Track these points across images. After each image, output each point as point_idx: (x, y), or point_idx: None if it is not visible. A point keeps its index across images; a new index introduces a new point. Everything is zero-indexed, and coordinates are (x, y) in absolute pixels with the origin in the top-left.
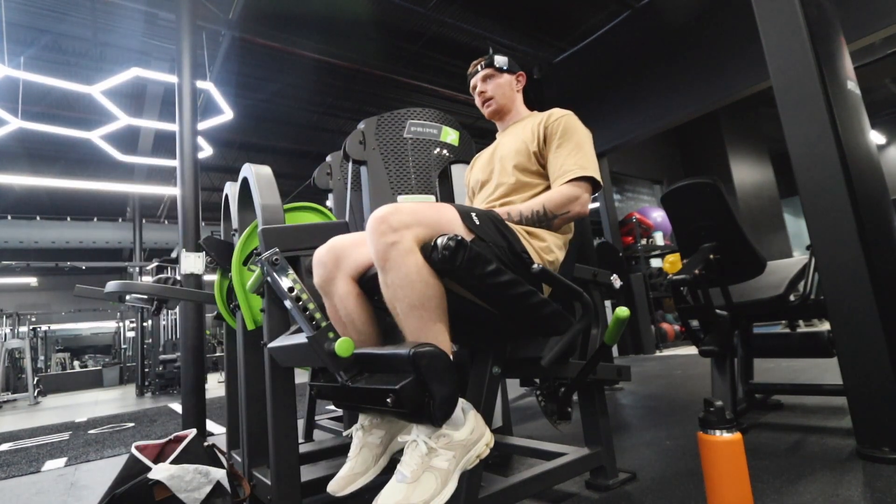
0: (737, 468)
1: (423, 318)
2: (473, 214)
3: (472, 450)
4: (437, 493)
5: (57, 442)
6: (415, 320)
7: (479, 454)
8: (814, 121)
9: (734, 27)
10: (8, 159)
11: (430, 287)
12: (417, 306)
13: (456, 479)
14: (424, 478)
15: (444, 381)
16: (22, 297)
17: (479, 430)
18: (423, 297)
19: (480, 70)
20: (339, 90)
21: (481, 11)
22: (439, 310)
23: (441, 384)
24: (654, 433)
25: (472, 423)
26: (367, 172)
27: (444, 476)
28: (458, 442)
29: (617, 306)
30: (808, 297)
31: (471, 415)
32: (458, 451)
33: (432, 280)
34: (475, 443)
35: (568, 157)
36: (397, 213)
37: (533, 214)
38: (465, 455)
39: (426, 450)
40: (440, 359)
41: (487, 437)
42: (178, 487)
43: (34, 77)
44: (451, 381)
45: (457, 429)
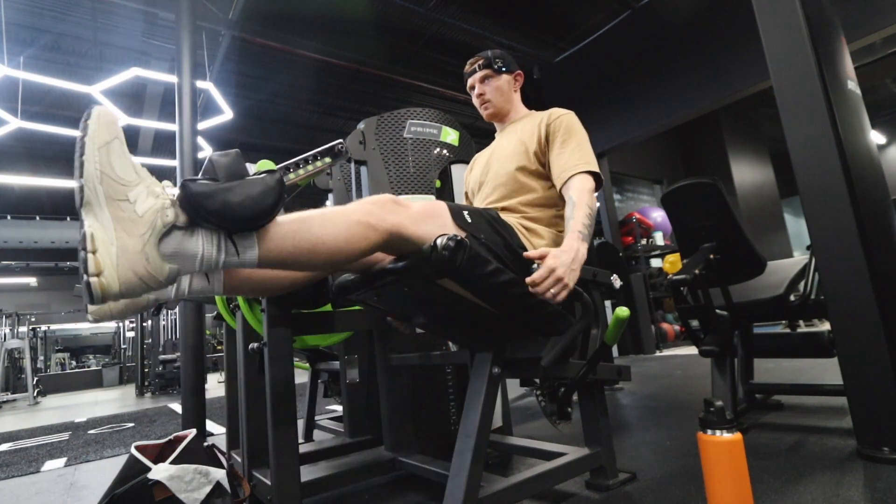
0: (737, 468)
1: (311, 216)
2: (465, 213)
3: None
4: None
5: (56, 442)
6: (309, 212)
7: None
8: (814, 121)
9: (734, 27)
10: (8, 159)
11: (345, 225)
12: (325, 214)
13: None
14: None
15: (249, 188)
16: (21, 297)
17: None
18: (331, 218)
19: (478, 70)
20: (339, 90)
21: (481, 11)
22: (321, 249)
23: (244, 187)
24: (654, 433)
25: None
26: (367, 172)
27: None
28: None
29: (617, 306)
30: (808, 297)
31: (165, 267)
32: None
33: (356, 229)
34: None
35: (573, 154)
36: (395, 201)
37: (589, 218)
38: (121, 232)
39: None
40: (278, 185)
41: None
42: (178, 488)
43: (34, 77)
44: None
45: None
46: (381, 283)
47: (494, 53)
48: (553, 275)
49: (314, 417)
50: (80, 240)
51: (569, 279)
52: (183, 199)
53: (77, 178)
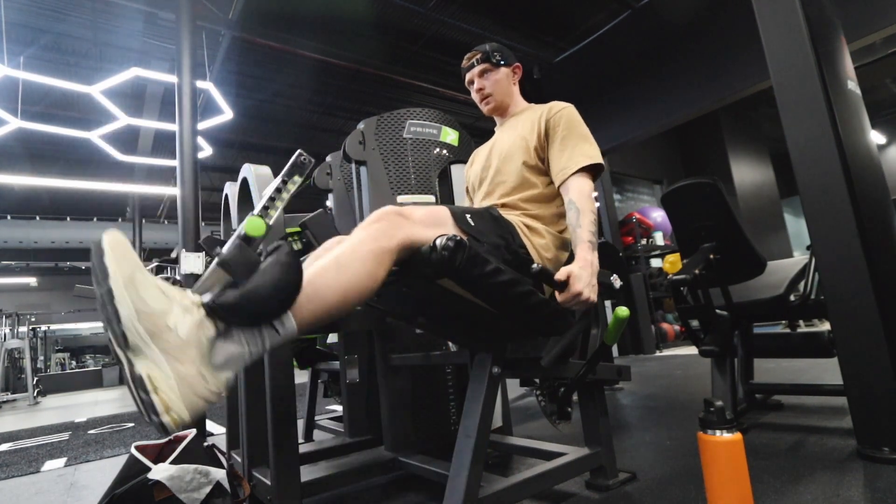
0: (737, 468)
1: (331, 270)
2: (468, 216)
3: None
4: (139, 300)
5: (56, 442)
6: (327, 263)
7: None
8: (814, 121)
9: (734, 27)
10: (8, 159)
11: (366, 269)
12: (341, 263)
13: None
14: (158, 293)
15: (270, 283)
16: (22, 297)
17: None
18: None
19: (476, 65)
20: (339, 90)
21: (481, 11)
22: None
23: (265, 281)
24: (654, 433)
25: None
26: (367, 172)
27: (159, 315)
28: (201, 349)
29: (617, 306)
30: (808, 297)
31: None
32: (187, 347)
33: (374, 268)
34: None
35: (575, 148)
36: (398, 213)
37: (594, 224)
38: (174, 364)
39: (186, 303)
40: (293, 269)
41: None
42: (178, 488)
43: (34, 77)
44: (276, 294)
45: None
46: None
47: (492, 47)
48: (579, 297)
49: (314, 417)
50: (136, 383)
51: (591, 294)
52: (213, 315)
53: (115, 325)
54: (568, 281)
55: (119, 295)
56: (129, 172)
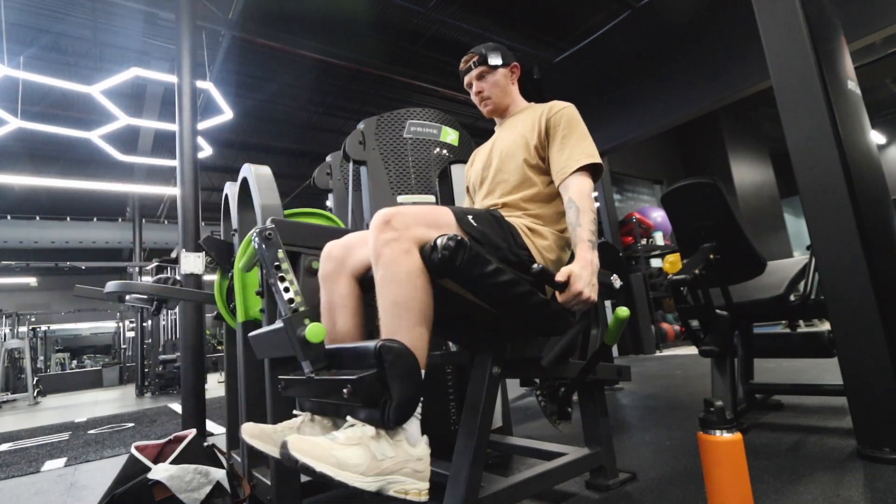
0: (737, 468)
1: (402, 317)
2: (470, 217)
3: (407, 478)
4: (356, 467)
5: (56, 442)
6: (394, 318)
7: (406, 490)
8: (814, 121)
9: (734, 27)
10: (8, 159)
11: (417, 289)
12: (400, 304)
13: (376, 481)
14: (354, 449)
15: (406, 381)
16: (22, 297)
17: (425, 469)
18: (407, 296)
19: (474, 67)
20: (339, 90)
21: (481, 11)
22: (422, 315)
23: (403, 384)
24: (654, 433)
25: (424, 451)
26: (367, 172)
27: (372, 461)
28: (406, 451)
29: (617, 306)
30: (808, 297)
31: (425, 447)
32: (399, 458)
33: (421, 282)
34: (415, 472)
35: (575, 147)
36: (399, 215)
37: (594, 223)
38: (398, 472)
39: (373, 434)
40: (407, 357)
41: (423, 486)
42: (178, 488)
43: (34, 77)
44: (415, 383)
45: (412, 444)
46: None
47: (488, 48)
48: (580, 297)
49: None
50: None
51: (592, 293)
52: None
53: (366, 495)
54: (568, 281)
55: (345, 478)
56: (129, 172)
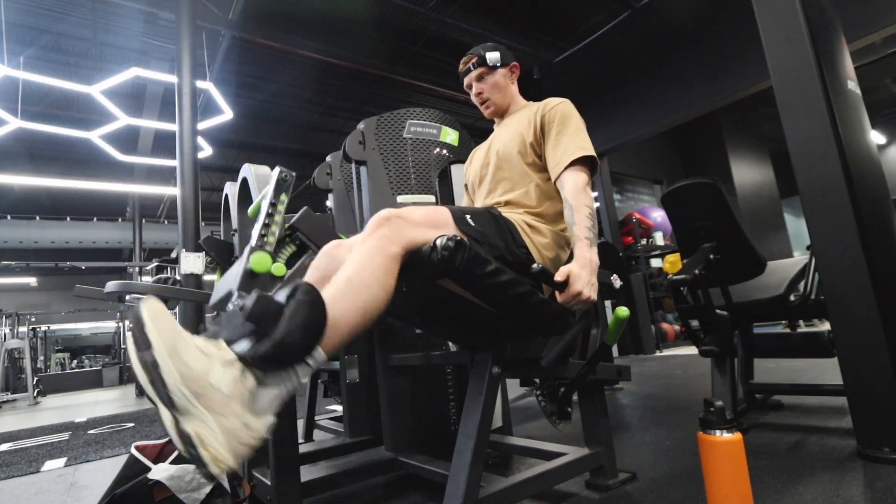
0: (737, 468)
1: (346, 292)
2: (468, 216)
3: (223, 431)
4: (180, 365)
5: (56, 442)
6: (339, 286)
7: (205, 439)
8: (814, 121)
9: (734, 27)
10: (8, 159)
11: (379, 284)
12: (353, 283)
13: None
14: (199, 354)
15: (300, 326)
16: (22, 297)
17: (247, 440)
18: (365, 282)
19: (473, 69)
20: (339, 90)
21: (481, 11)
22: (366, 304)
23: (294, 325)
24: (654, 433)
25: (260, 426)
26: (367, 172)
27: (201, 376)
28: (239, 407)
29: (617, 306)
30: (808, 297)
31: (264, 422)
32: (229, 403)
33: (385, 280)
34: (229, 432)
35: (570, 141)
36: (398, 217)
37: (590, 219)
38: (219, 412)
39: (232, 358)
40: (317, 308)
41: (226, 456)
42: (178, 488)
43: (34, 77)
44: (305, 334)
45: (254, 412)
46: None
47: (486, 48)
48: (579, 297)
49: (314, 417)
50: (183, 439)
51: (591, 293)
52: (250, 366)
53: (162, 391)
54: (567, 281)
55: (164, 364)
56: (129, 172)
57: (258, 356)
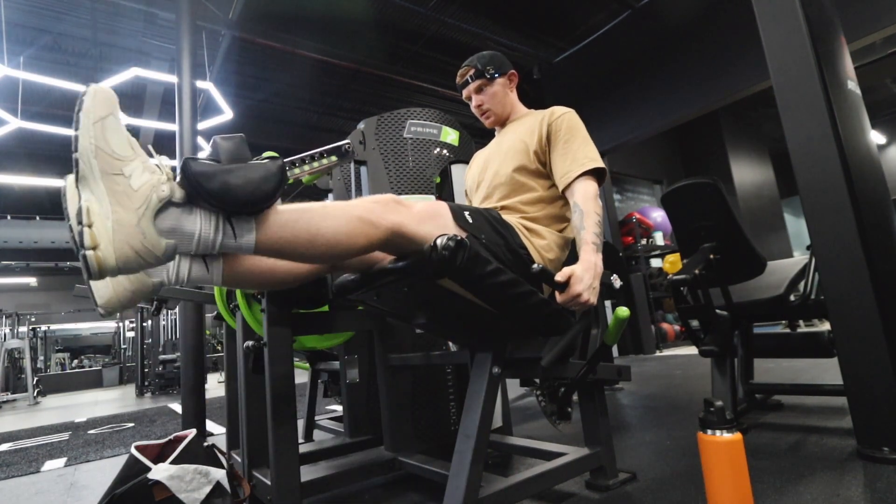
0: (737, 468)
1: (311, 208)
2: (466, 213)
3: (113, 223)
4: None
5: (56, 442)
6: (310, 204)
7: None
8: (814, 121)
9: (734, 27)
10: (8, 159)
11: (346, 219)
12: (326, 207)
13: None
14: (126, 140)
15: (250, 171)
16: (22, 297)
17: (133, 249)
18: (331, 212)
19: (471, 81)
20: (339, 90)
21: (481, 11)
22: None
23: (246, 170)
24: (654, 433)
25: (155, 242)
26: (367, 172)
27: (118, 157)
28: (147, 204)
29: (617, 306)
30: (808, 297)
31: (163, 243)
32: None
33: (356, 224)
34: (118, 231)
35: (578, 152)
36: (397, 201)
37: (598, 226)
38: (115, 206)
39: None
40: (280, 171)
41: (109, 259)
42: (178, 488)
43: (34, 77)
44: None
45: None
46: (381, 282)
47: (482, 60)
48: (579, 299)
49: (314, 417)
50: (76, 213)
51: (592, 297)
52: (183, 177)
53: (73, 151)
54: (569, 282)
55: (84, 127)
56: None
57: (190, 171)
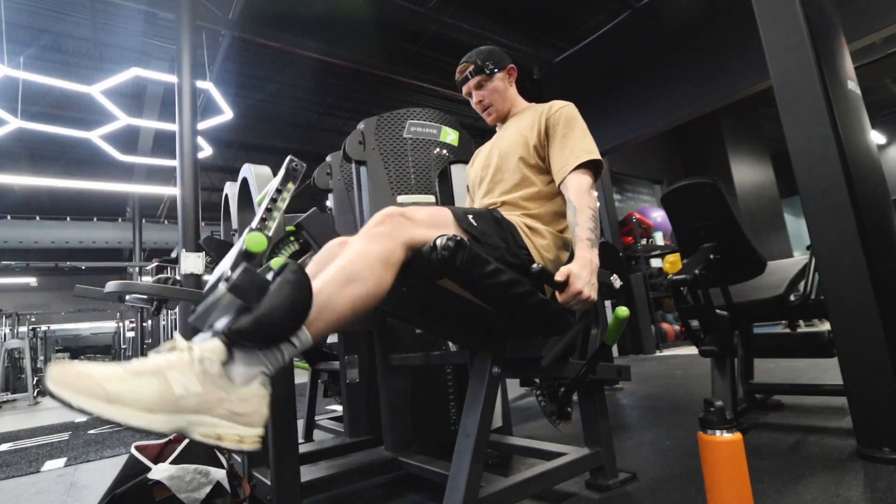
0: (737, 468)
1: (339, 281)
2: (470, 216)
3: (220, 421)
4: (136, 402)
5: (56, 442)
6: (332, 274)
7: (220, 434)
8: (814, 121)
9: (734, 27)
10: (8, 159)
11: (374, 274)
12: (347, 272)
13: (169, 420)
14: (144, 380)
15: (284, 303)
16: (22, 297)
17: (247, 415)
18: (358, 273)
19: (471, 77)
20: (339, 90)
21: (481, 11)
22: (357, 296)
23: (278, 301)
24: (654, 433)
25: (254, 391)
26: (367, 172)
27: (165, 395)
28: (220, 389)
29: (617, 306)
30: (808, 297)
31: (258, 390)
32: (209, 397)
33: (381, 274)
34: (230, 418)
35: (575, 145)
36: (400, 215)
37: (593, 220)
38: (207, 414)
39: (181, 355)
40: (303, 286)
41: (249, 435)
42: (178, 488)
43: (34, 77)
44: (290, 312)
45: (233, 381)
46: None
47: (481, 56)
48: (579, 296)
49: (314, 417)
50: (206, 444)
51: (591, 292)
52: (225, 342)
53: (144, 432)
54: (568, 280)
55: (116, 415)
56: (129, 172)
57: (238, 331)
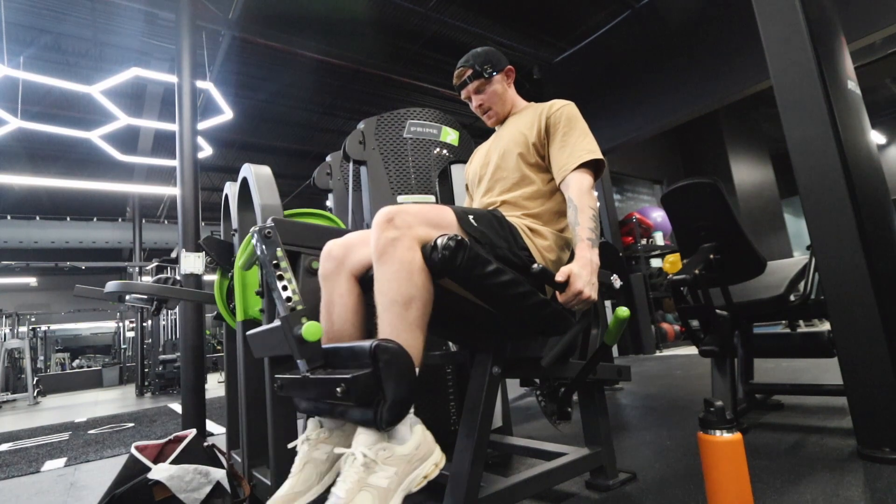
0: (737, 468)
1: (401, 316)
2: (471, 217)
3: (418, 468)
4: None
5: (57, 442)
6: (392, 316)
7: (426, 474)
8: (814, 121)
9: (734, 27)
10: (8, 159)
11: (417, 288)
12: (399, 303)
13: (398, 499)
14: (360, 498)
15: (401, 381)
16: (22, 297)
17: (426, 447)
18: (407, 295)
19: (469, 82)
20: (339, 90)
21: (481, 11)
22: (420, 315)
23: (397, 384)
24: (654, 433)
25: (418, 438)
26: (367, 172)
27: (382, 496)
28: (401, 457)
29: (617, 306)
30: (808, 297)
31: (418, 429)
32: (400, 467)
33: (422, 281)
34: (421, 460)
35: (576, 144)
36: (402, 214)
37: (593, 220)
38: (410, 474)
39: (363, 462)
40: (402, 357)
41: (437, 456)
42: (178, 487)
43: (34, 77)
44: (409, 384)
45: (400, 443)
46: None
47: (478, 59)
48: (580, 296)
49: None
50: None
51: (592, 292)
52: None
53: None
54: (568, 280)
55: None
56: (129, 172)
57: (388, 421)
